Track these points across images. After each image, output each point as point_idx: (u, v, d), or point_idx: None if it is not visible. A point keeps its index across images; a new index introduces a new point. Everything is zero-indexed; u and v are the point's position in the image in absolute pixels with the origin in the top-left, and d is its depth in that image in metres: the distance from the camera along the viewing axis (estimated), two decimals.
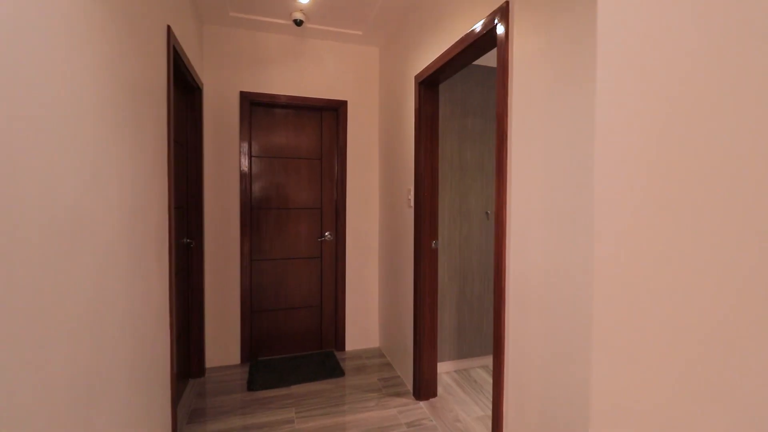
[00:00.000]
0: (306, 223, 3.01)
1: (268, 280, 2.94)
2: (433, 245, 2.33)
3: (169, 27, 1.72)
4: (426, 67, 2.16)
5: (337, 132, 3.03)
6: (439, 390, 2.46)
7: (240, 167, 2.78)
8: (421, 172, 2.29)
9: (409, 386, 2.47)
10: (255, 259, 2.90)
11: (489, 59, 2.64)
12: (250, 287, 2.86)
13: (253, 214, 2.89)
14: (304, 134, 3.00)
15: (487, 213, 2.76)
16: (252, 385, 2.47)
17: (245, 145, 2.79)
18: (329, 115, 3.05)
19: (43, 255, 0.78)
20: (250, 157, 2.85)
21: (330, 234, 3.04)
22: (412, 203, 2.40)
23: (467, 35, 1.73)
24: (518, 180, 1.45)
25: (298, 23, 2.51)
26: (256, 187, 2.89)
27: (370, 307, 3.14)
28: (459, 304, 2.73)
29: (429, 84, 2.27)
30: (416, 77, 2.30)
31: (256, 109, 2.88)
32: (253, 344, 2.89)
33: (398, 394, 2.41)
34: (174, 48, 1.79)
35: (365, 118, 3.05)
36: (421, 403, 2.32)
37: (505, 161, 1.50)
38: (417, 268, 2.33)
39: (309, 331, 3.04)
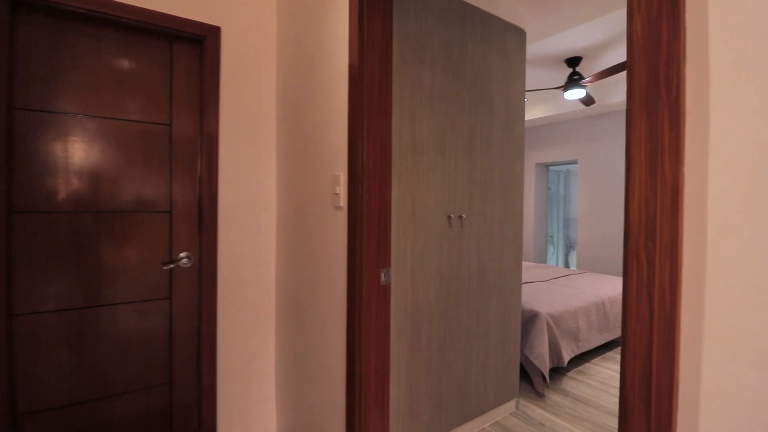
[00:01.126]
0: (139, 238, 1.66)
1: (56, 349, 1.51)
2: (382, 277, 1.27)
3: None
4: None
5: (202, 81, 1.75)
6: None
7: None
8: (361, 149, 1.22)
9: None
10: (21, 313, 1.45)
11: None
12: (10, 369, 1.41)
13: (18, 225, 1.44)
14: (137, 80, 1.66)
15: (460, 217, 1.81)
16: None
17: None
18: (187, 51, 1.76)
19: None
20: (9, 110, 1.41)
21: (188, 257, 1.74)
22: (343, 202, 1.31)
23: None
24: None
25: None
26: (28, 172, 1.45)
27: (262, 376, 1.91)
28: (410, 364, 1.71)
29: None
30: None
31: (31, 19, 1.45)
32: None
33: None
34: None
35: (253, 57, 1.84)
36: None
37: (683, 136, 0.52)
38: (353, 319, 1.23)
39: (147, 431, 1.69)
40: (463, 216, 1.89)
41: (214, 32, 1.74)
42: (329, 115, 1.42)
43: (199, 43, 1.76)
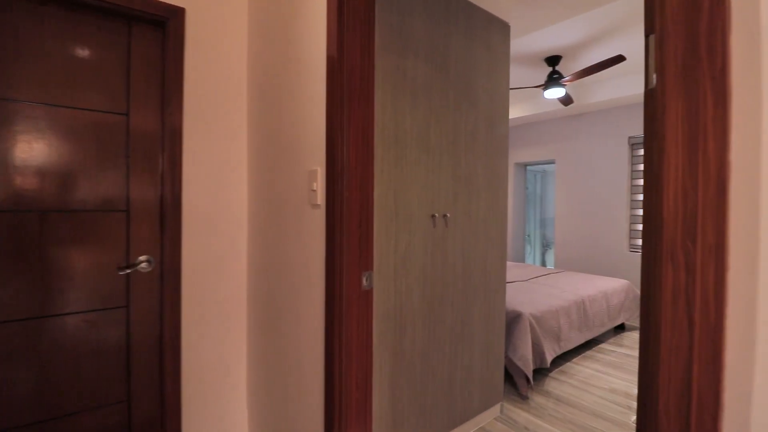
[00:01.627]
0: (92, 241, 1.49)
1: None
2: (364, 281, 1.17)
3: None
4: None
5: (164, 68, 1.60)
6: None
7: None
8: (341, 141, 1.11)
9: None
10: None
11: None
12: None
13: None
14: (90, 66, 1.49)
15: (444, 216, 1.72)
16: None
17: None
18: (148, 34, 1.60)
19: None
20: None
21: (149, 260, 1.58)
22: (320, 199, 1.20)
23: None
24: None
25: None
26: None
27: (232, 389, 1.77)
28: (393, 370, 1.61)
29: None
30: None
31: None
32: None
33: None
34: None
35: (222, 41, 1.70)
36: None
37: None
38: (332, 329, 1.12)
39: None
40: (448, 215, 1.81)
41: (177, 14, 1.58)
42: (306, 104, 1.31)
43: (161, 26, 1.61)
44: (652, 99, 0.51)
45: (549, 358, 2.59)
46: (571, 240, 4.82)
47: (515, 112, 4.99)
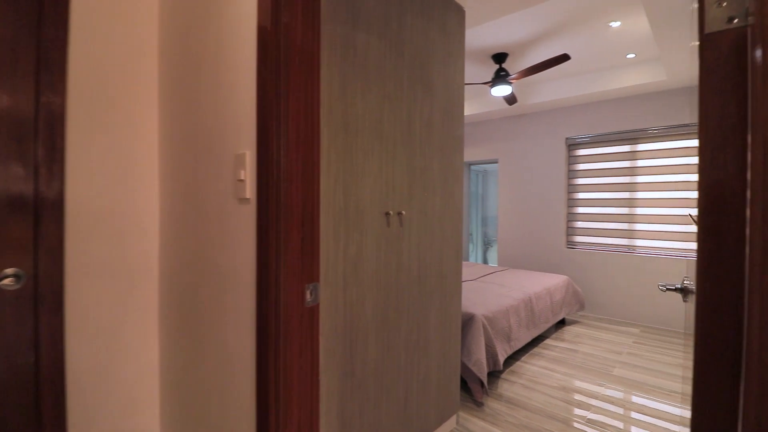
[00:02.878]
0: None
1: None
2: (308, 296, 0.92)
3: None
4: None
5: (40, 32, 1.21)
6: None
7: None
8: (277, 118, 0.86)
9: None
10: None
11: None
12: None
13: None
14: None
15: (400, 214, 1.52)
16: None
17: None
18: None
19: None
20: None
21: (18, 275, 1.18)
22: (250, 192, 0.93)
23: None
24: None
25: None
26: None
27: None
28: (343, 395, 1.38)
29: None
30: None
31: None
32: None
33: None
34: None
35: None
36: None
37: None
38: (266, 360, 0.87)
39: None
40: (403, 212, 1.61)
41: None
42: (231, 70, 1.03)
43: None
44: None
45: (502, 359, 2.53)
46: (513, 238, 4.92)
47: None
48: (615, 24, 2.83)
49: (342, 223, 1.35)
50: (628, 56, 3.46)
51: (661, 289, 1.08)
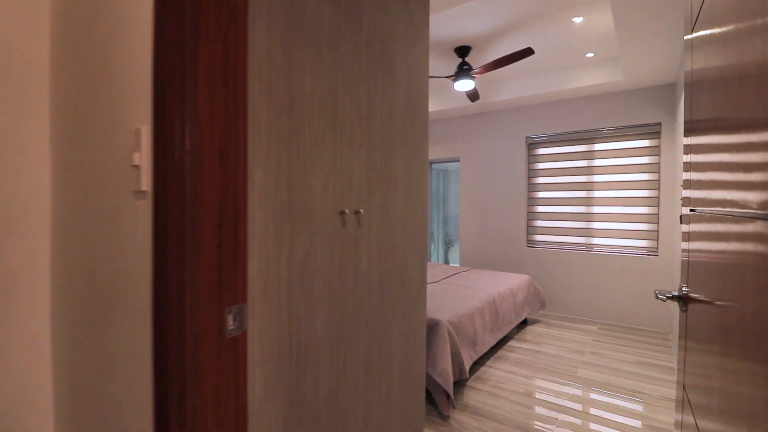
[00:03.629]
0: None
1: None
2: (230, 322, 0.69)
3: None
4: None
5: None
6: None
7: None
8: (181, 77, 0.62)
9: None
10: None
11: None
12: None
13: None
14: None
15: (357, 213, 1.30)
16: None
17: None
18: None
19: None
20: None
21: None
22: (146, 183, 0.68)
23: None
24: None
25: None
26: None
27: None
28: (288, 427, 1.14)
29: None
30: None
31: None
32: None
33: None
34: None
35: None
36: None
37: None
38: (167, 410, 0.62)
39: None
40: (361, 211, 1.40)
41: None
42: (125, 5, 0.76)
43: None
44: None
45: (468, 366, 2.38)
46: (475, 237, 4.87)
47: None
48: (578, 20, 2.78)
49: (286, 224, 1.12)
50: (588, 55, 3.46)
51: (661, 299, 0.94)
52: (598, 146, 4.06)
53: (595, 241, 4.08)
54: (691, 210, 0.90)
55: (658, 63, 3.08)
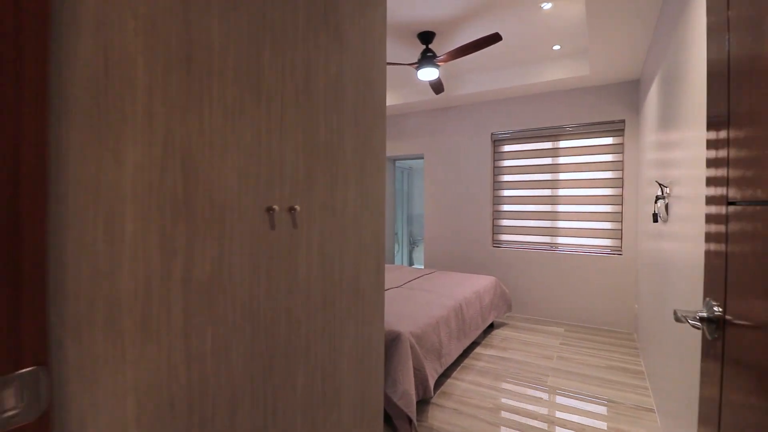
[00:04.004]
0: None
1: None
2: (6, 406, 0.36)
3: None
4: None
5: None
6: None
7: None
8: None
9: None
10: None
11: None
12: None
13: None
14: None
15: (292, 210, 0.99)
16: None
17: None
18: None
19: None
20: None
21: None
22: None
23: None
24: None
25: None
26: None
27: None
28: None
29: None
30: None
31: None
32: None
33: None
34: None
35: None
36: None
37: None
38: None
39: None
40: (297, 208, 1.10)
41: None
42: None
43: None
44: None
45: (432, 383, 2.13)
46: (440, 237, 4.67)
47: None
48: (547, 5, 2.62)
49: (181, 225, 0.79)
50: (555, 48, 3.34)
51: (687, 323, 0.71)
52: (563, 143, 3.97)
53: (560, 240, 3.99)
54: (730, 204, 0.67)
55: (625, 56, 2.99)
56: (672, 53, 1.96)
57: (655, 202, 2.15)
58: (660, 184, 2.05)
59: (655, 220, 2.17)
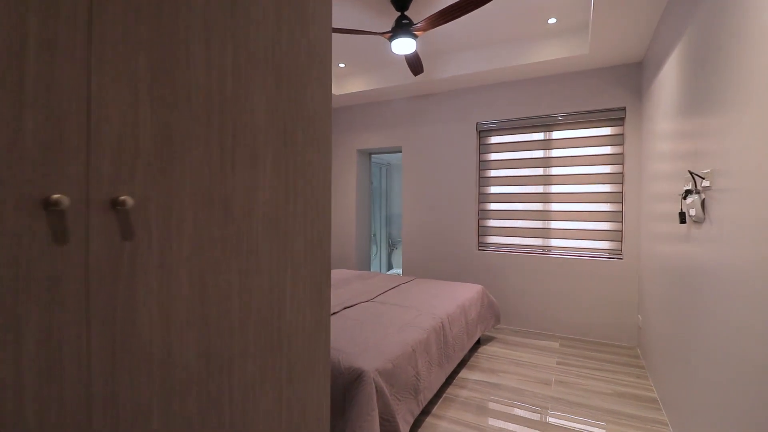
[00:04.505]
0: None
1: None
2: None
3: None
4: None
5: None
6: None
7: None
8: None
9: None
10: None
11: None
12: None
13: None
14: None
15: (115, 206, 0.48)
16: None
17: None
18: None
19: None
20: None
21: None
22: None
23: None
24: None
25: None
26: None
27: None
28: None
29: None
30: None
31: None
32: None
33: None
34: None
35: None
36: None
37: None
38: None
39: None
40: (129, 202, 0.57)
41: None
42: None
43: None
44: None
45: (406, 430, 1.64)
46: (420, 239, 4.18)
47: (356, 85, 4.07)
48: None
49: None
50: (550, 21, 2.89)
51: None
52: (556, 134, 3.55)
53: (554, 242, 3.57)
54: None
55: (631, 33, 2.57)
56: (700, 23, 1.52)
57: (684, 198, 1.72)
58: (694, 175, 1.61)
59: (683, 221, 1.74)
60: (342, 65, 3.82)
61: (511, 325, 3.69)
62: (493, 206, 3.84)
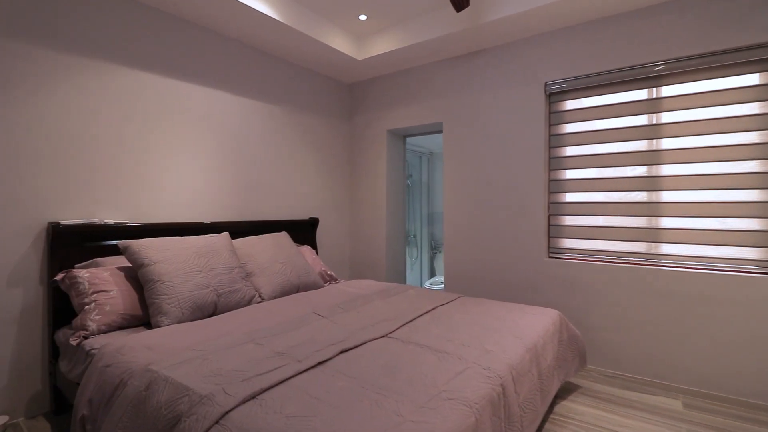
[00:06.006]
0: None
1: None
2: None
3: None
4: None
5: None
6: None
7: None
8: None
9: None
10: None
11: None
12: None
13: None
14: None
15: None
16: None
17: None
18: None
19: None
20: None
21: None
22: None
23: None
24: None
25: None
26: None
27: None
28: None
29: None
30: None
31: None
32: None
33: None
34: None
35: None
36: None
37: None
38: None
39: None
40: None
41: None
42: None
43: None
44: None
45: None
46: (465, 243, 3.22)
47: (382, 45, 3.20)
48: None
49: None
50: None
51: None
52: (668, 89, 2.44)
53: (666, 248, 2.46)
54: None
55: None
56: None
57: None
58: None
59: None
60: (363, 17, 2.97)
61: (600, 366, 2.62)
62: (571, 197, 2.79)
